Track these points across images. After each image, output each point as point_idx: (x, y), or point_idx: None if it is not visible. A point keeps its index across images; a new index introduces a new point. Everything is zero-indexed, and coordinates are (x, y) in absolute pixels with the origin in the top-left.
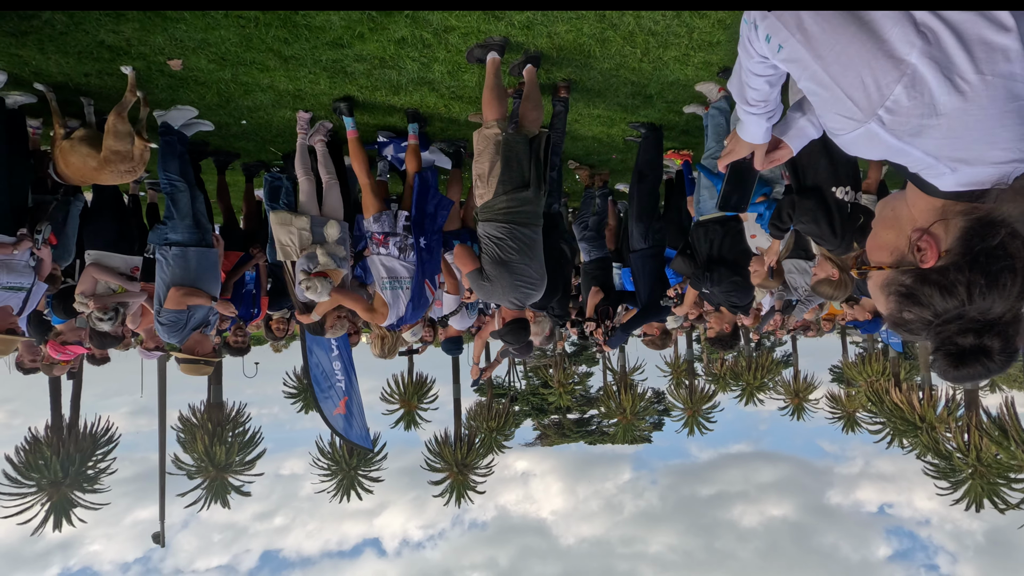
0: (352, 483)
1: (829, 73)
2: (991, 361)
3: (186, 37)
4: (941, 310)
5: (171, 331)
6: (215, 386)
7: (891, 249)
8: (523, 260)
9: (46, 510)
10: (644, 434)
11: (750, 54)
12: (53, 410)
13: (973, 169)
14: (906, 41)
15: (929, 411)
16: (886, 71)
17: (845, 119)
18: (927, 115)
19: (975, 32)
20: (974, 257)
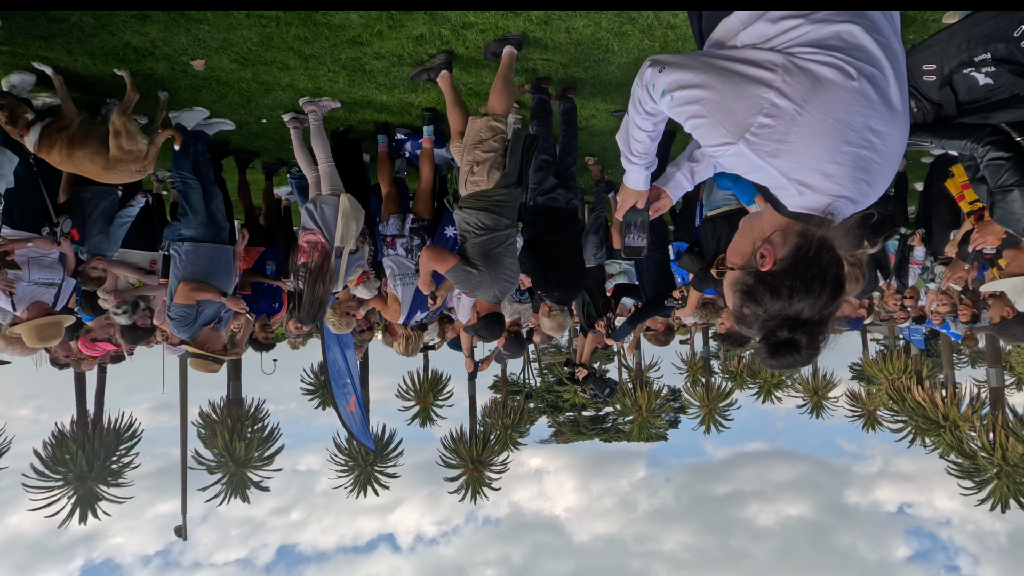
0: (369, 479)
1: (707, 108)
2: (799, 353)
3: (209, 37)
4: (770, 308)
5: (180, 326)
6: (234, 382)
7: (743, 255)
8: (506, 253)
9: (72, 503)
10: (660, 432)
11: (639, 111)
12: (78, 405)
13: (814, 195)
14: (766, 80)
15: (953, 409)
16: (752, 102)
17: (721, 143)
18: (781, 140)
19: (831, 76)
20: (798, 265)
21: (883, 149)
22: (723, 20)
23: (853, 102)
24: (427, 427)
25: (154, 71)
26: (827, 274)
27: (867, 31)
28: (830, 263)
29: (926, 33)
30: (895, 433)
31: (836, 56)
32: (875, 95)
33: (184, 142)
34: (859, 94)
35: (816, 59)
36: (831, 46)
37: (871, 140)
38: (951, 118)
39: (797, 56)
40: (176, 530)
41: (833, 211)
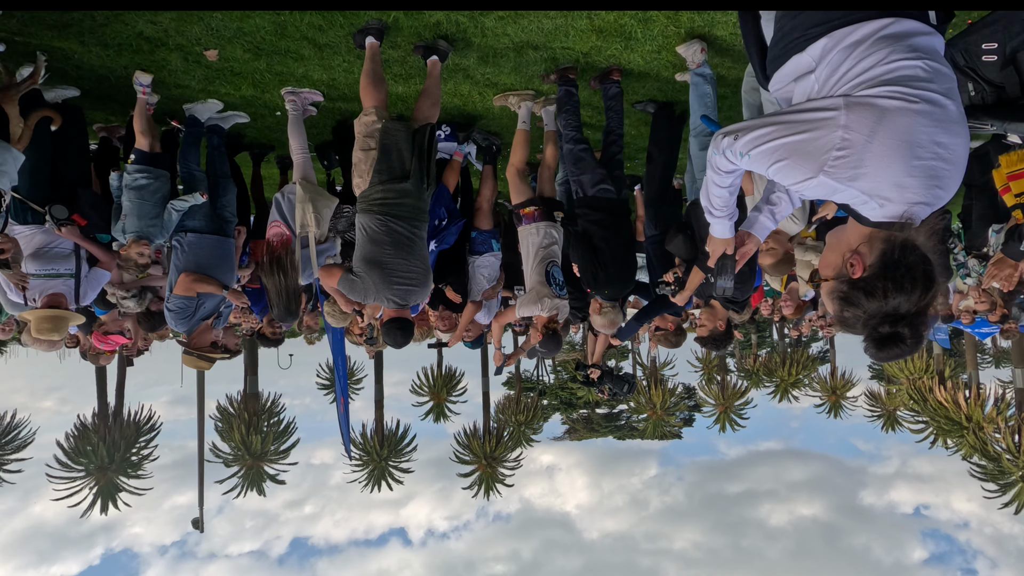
0: (383, 474)
1: (785, 154)
2: (904, 344)
3: (222, 26)
4: (868, 308)
5: (178, 318)
6: (251, 377)
7: (833, 266)
8: (398, 255)
9: (94, 494)
10: (674, 430)
11: (718, 173)
12: (99, 398)
13: (893, 206)
14: (832, 119)
15: (976, 410)
16: (824, 142)
17: (803, 179)
18: (856, 166)
19: (895, 105)
20: (886, 268)
21: (950, 157)
22: (794, 57)
23: (918, 123)
24: (440, 423)
25: (167, 62)
26: (916, 271)
27: (921, 60)
28: (916, 261)
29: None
30: (916, 434)
31: (897, 88)
32: (937, 113)
33: (193, 134)
34: (922, 115)
35: (879, 94)
36: (891, 80)
37: (938, 152)
38: (1015, 100)
39: (856, 96)
40: (193, 522)
41: (911, 216)
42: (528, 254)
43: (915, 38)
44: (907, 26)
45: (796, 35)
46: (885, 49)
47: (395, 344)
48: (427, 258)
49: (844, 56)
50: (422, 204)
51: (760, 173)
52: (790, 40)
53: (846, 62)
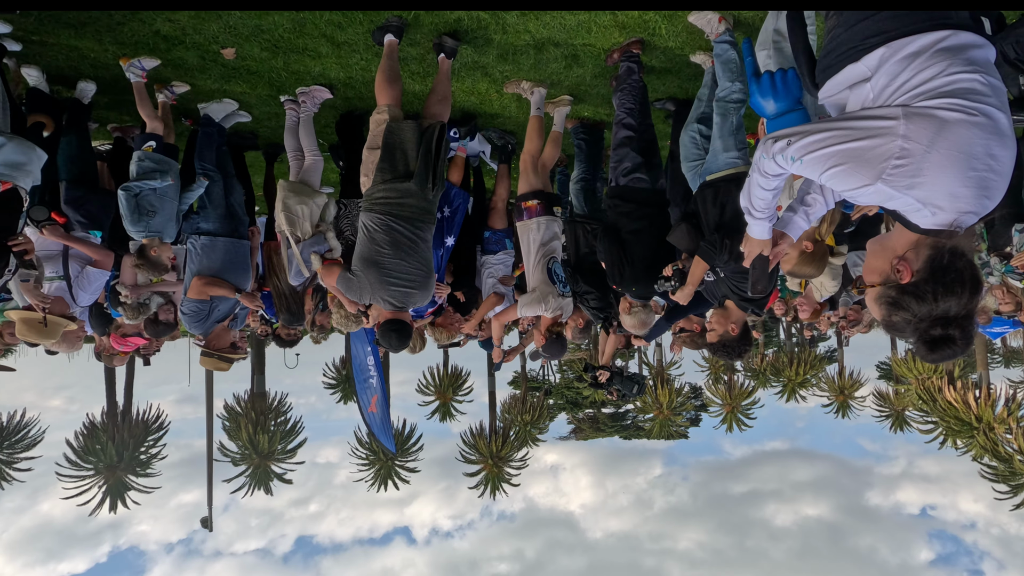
0: (389, 473)
1: (842, 159)
2: (955, 345)
3: (240, 24)
4: (917, 312)
5: (193, 321)
6: (258, 376)
7: (880, 272)
8: (397, 256)
9: (103, 492)
10: (681, 430)
11: (765, 175)
12: (108, 397)
13: (945, 214)
14: (891, 129)
15: (987, 411)
16: (883, 150)
17: (860, 186)
18: (914, 175)
19: (955, 117)
20: (935, 273)
21: (1000, 169)
22: (848, 66)
23: (975, 136)
24: (446, 422)
25: (184, 60)
26: (964, 275)
27: (978, 74)
28: (965, 266)
29: None
30: (925, 434)
31: (957, 101)
32: (992, 126)
33: (208, 134)
34: (979, 127)
35: (940, 106)
36: (950, 92)
37: (991, 164)
38: None
39: (915, 106)
40: (202, 521)
41: (960, 224)
42: (529, 250)
43: (971, 51)
44: (964, 39)
45: (852, 44)
46: (944, 62)
47: (390, 347)
48: (430, 261)
49: (902, 67)
50: (426, 205)
51: (810, 178)
52: (845, 49)
53: (904, 73)
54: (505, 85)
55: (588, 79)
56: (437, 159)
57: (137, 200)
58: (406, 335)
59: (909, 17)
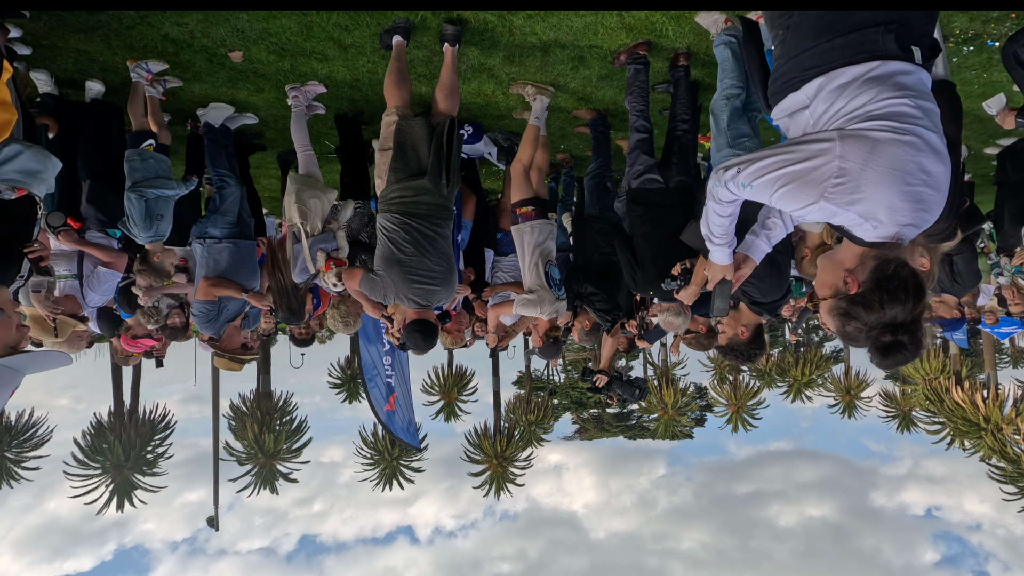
0: (394, 472)
1: (787, 182)
2: (906, 349)
3: (247, 27)
4: (867, 320)
5: (203, 322)
6: (264, 376)
7: (830, 285)
8: (418, 253)
9: (110, 491)
10: (686, 430)
11: (719, 202)
12: (115, 397)
13: (885, 227)
14: (828, 151)
15: (995, 411)
16: (823, 171)
17: (805, 205)
18: (853, 192)
19: (886, 137)
20: (880, 283)
21: (934, 184)
22: (790, 95)
23: (906, 154)
24: (451, 422)
25: (191, 63)
26: (908, 283)
27: (908, 98)
28: (908, 274)
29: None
30: (932, 435)
31: (887, 123)
32: (922, 145)
33: (215, 139)
34: (909, 146)
35: (872, 127)
36: (881, 115)
37: (925, 179)
38: None
39: (849, 129)
40: (208, 520)
41: (901, 237)
42: (524, 252)
43: (900, 77)
44: (892, 67)
45: (793, 75)
46: (874, 89)
47: (416, 348)
48: (451, 257)
49: (837, 95)
50: (443, 201)
51: (762, 201)
52: (787, 80)
53: (839, 100)
54: (511, 86)
55: (595, 80)
56: (449, 154)
57: (148, 204)
58: (431, 335)
59: (843, 51)
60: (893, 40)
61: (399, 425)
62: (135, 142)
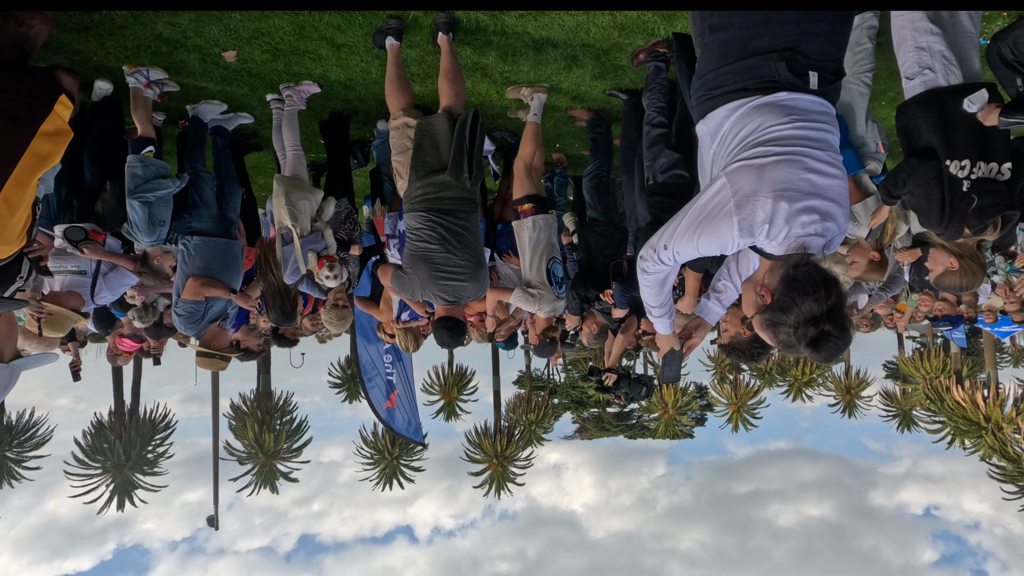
0: (394, 472)
1: (702, 239)
2: (833, 337)
3: (240, 27)
4: (788, 321)
5: (187, 322)
6: (264, 375)
7: (752, 304)
8: (445, 250)
9: (111, 491)
10: (686, 429)
11: (648, 283)
12: (116, 397)
13: (788, 240)
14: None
15: (996, 410)
16: (725, 219)
17: (725, 243)
18: (755, 222)
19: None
20: (787, 284)
21: (829, 195)
22: (699, 123)
23: (791, 172)
24: (451, 421)
25: (185, 63)
26: (813, 277)
27: (793, 121)
28: (811, 270)
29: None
30: (932, 434)
31: (769, 148)
32: (808, 162)
33: (199, 134)
34: (795, 165)
35: (755, 155)
36: (764, 141)
37: (815, 192)
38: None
39: (733, 165)
40: (208, 520)
41: (805, 246)
42: (524, 248)
43: (787, 103)
44: (778, 96)
45: (699, 95)
46: (760, 117)
47: (442, 344)
48: (480, 251)
49: (730, 126)
50: (467, 195)
51: (691, 257)
52: (698, 98)
53: (729, 133)
54: (507, 91)
55: (588, 80)
56: (472, 145)
57: (151, 210)
58: (458, 332)
59: (738, 75)
60: (785, 67)
61: (400, 422)
62: (136, 148)
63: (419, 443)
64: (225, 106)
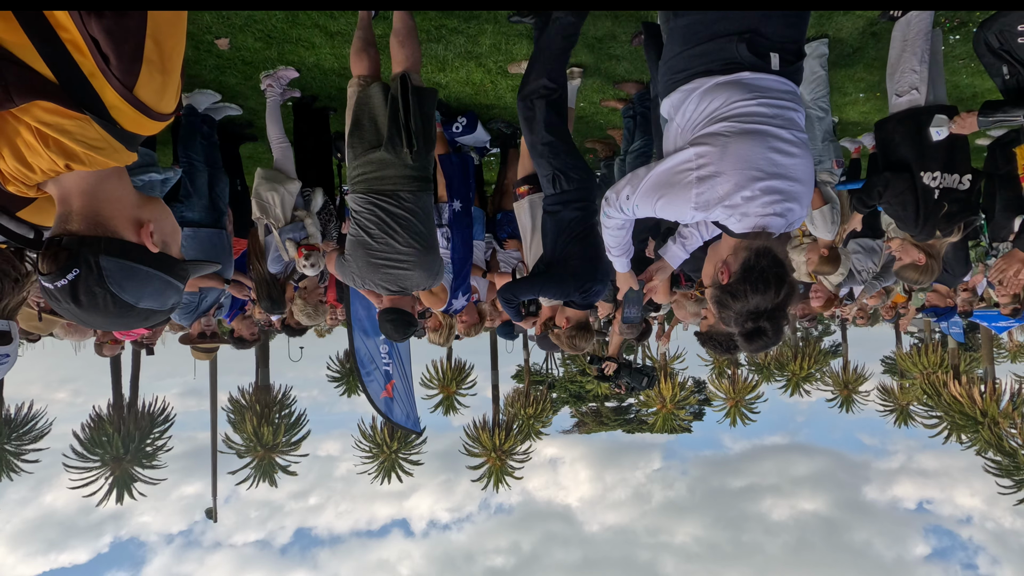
0: (393, 466)
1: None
2: (767, 335)
3: (233, 14)
4: (736, 308)
5: (183, 313)
6: (263, 369)
7: (709, 276)
8: (385, 235)
9: (109, 484)
10: (684, 423)
11: (608, 225)
12: (114, 390)
13: (750, 219)
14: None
15: (992, 405)
16: (685, 184)
17: (682, 211)
18: (714, 194)
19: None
20: (745, 274)
21: (791, 175)
22: (665, 99)
23: (755, 149)
24: (449, 415)
25: None
26: (768, 274)
27: (757, 99)
28: (768, 265)
29: None
30: (929, 429)
31: (734, 123)
32: (772, 141)
33: (192, 123)
34: (757, 142)
35: (718, 130)
36: (728, 117)
37: (777, 171)
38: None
39: (699, 135)
40: (207, 512)
41: (765, 227)
42: (524, 230)
43: (751, 82)
44: (741, 75)
45: (666, 78)
46: (724, 94)
47: (389, 337)
48: (430, 236)
49: (694, 103)
50: (410, 172)
51: (650, 215)
52: (665, 81)
53: (698, 107)
54: (510, 66)
55: (586, 68)
56: (408, 115)
57: None
58: (402, 324)
59: (701, 58)
60: (746, 48)
61: (398, 412)
62: None
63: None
64: (219, 96)
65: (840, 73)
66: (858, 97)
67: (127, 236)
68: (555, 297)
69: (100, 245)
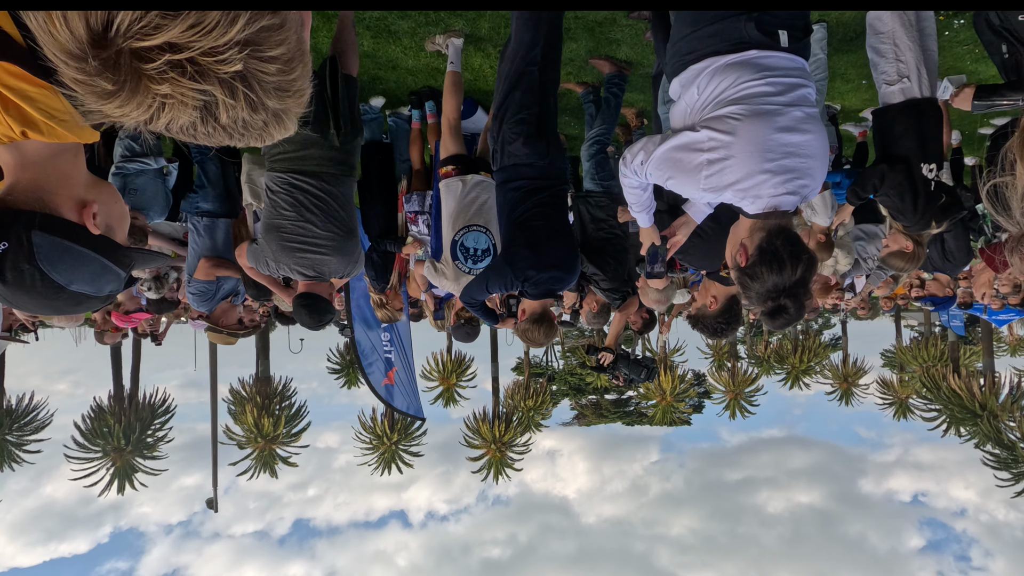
0: (393, 457)
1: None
2: (788, 312)
3: None
4: (756, 289)
5: (200, 300)
6: (263, 360)
7: (731, 257)
8: (301, 217)
9: (111, 474)
10: (683, 416)
11: (625, 184)
12: (115, 381)
13: (763, 200)
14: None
15: (991, 399)
16: (696, 165)
17: (691, 193)
18: (726, 175)
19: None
20: (762, 255)
21: (803, 152)
22: (673, 79)
23: (765, 131)
24: (449, 407)
25: None
26: (782, 253)
27: (767, 78)
28: (783, 244)
29: None
30: (928, 422)
31: (743, 106)
32: (782, 120)
33: None
34: (766, 123)
35: (728, 113)
36: (737, 99)
37: (788, 151)
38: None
39: (707, 118)
40: (207, 502)
41: (779, 206)
42: (440, 216)
43: (760, 60)
44: (751, 54)
45: (674, 60)
46: (733, 74)
47: (303, 324)
48: (351, 221)
49: (704, 83)
50: (335, 155)
51: (658, 183)
52: (673, 62)
53: (707, 88)
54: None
55: (583, 54)
56: (336, 97)
57: (125, 181)
58: (319, 311)
59: (711, 39)
60: (754, 27)
61: (399, 399)
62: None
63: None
64: None
65: (843, 59)
66: (860, 84)
67: (67, 215)
68: (500, 289)
69: (35, 220)
